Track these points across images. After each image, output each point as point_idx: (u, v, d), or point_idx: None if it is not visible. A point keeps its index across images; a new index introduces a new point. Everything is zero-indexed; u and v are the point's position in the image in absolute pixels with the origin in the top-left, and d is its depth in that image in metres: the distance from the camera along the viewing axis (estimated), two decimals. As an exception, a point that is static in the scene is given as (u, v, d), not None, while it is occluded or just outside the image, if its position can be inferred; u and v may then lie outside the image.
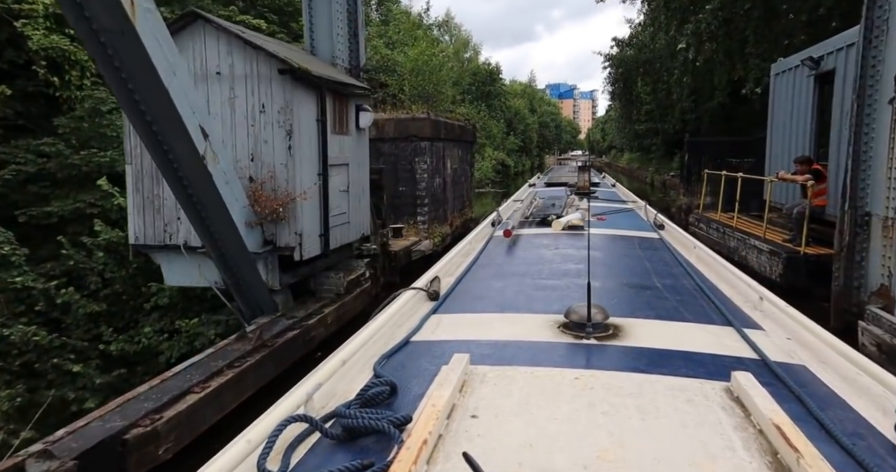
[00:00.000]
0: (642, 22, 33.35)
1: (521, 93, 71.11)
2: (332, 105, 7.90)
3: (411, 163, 13.47)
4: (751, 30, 14.55)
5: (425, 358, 2.53)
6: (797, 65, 10.85)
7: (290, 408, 1.96)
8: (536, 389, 2.10)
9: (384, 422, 1.76)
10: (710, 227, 14.11)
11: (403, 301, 3.42)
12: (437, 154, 14.50)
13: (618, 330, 2.77)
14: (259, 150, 6.84)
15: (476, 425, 1.83)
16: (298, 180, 6.99)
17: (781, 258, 9.54)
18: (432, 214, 14.15)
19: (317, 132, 7.45)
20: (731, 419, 1.86)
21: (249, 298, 6.99)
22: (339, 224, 8.30)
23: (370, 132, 13.48)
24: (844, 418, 2.01)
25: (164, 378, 5.00)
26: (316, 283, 8.23)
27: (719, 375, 2.22)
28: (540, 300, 3.50)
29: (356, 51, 9.64)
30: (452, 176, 16.23)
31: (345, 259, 9.17)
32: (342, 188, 8.36)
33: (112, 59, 4.87)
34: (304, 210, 7.16)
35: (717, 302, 3.39)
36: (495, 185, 40.00)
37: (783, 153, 11.89)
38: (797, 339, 2.88)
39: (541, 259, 4.78)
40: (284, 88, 6.72)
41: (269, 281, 7.07)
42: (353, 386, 2.22)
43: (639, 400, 2.00)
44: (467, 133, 18.20)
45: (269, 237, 6.99)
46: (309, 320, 7.20)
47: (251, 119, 6.79)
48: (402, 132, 13.35)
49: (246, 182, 6.84)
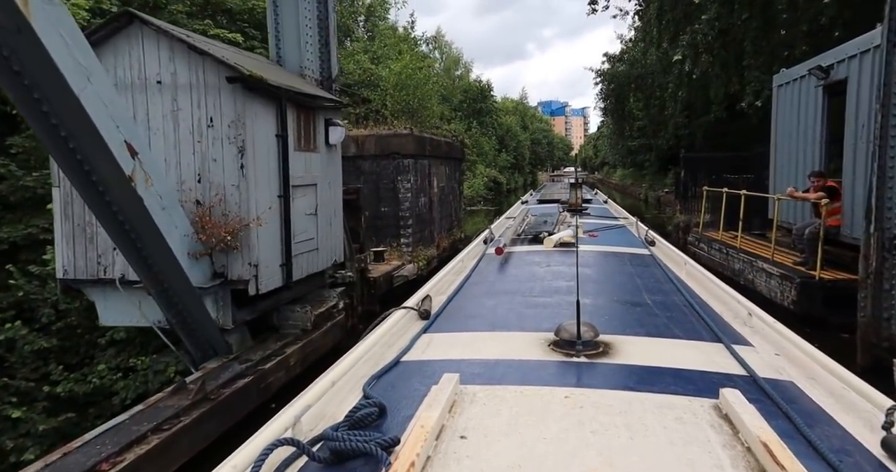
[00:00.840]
0: (633, 37, 33.12)
1: (513, 110, 70.97)
2: (296, 119, 7.07)
3: (394, 181, 12.65)
4: (749, 41, 13.92)
5: (415, 378, 2.51)
6: (803, 75, 10.15)
7: (278, 431, 1.93)
8: (526, 408, 2.09)
9: (372, 444, 1.73)
10: (712, 247, 13.30)
11: (394, 321, 3.41)
12: (422, 172, 13.70)
13: (608, 348, 2.75)
14: (207, 169, 5.98)
15: (465, 446, 1.82)
16: (253, 204, 6.13)
17: (795, 283, 8.71)
18: (417, 235, 13.29)
19: (276, 149, 6.61)
20: (720, 437, 1.86)
21: (198, 338, 6.07)
22: (306, 251, 7.42)
23: (349, 149, 12.68)
24: (832, 434, 2.01)
25: (67, 451, 4.05)
26: (279, 318, 7.32)
27: (708, 392, 2.21)
28: (531, 318, 3.49)
29: (327, 61, 8.85)
30: (439, 195, 15.42)
31: (315, 289, 8.28)
32: (309, 211, 7.50)
33: (9, 61, 4.02)
34: (261, 237, 6.28)
35: (707, 318, 3.38)
36: (487, 202, 39.42)
37: (788, 169, 11.14)
38: (785, 355, 2.89)
39: (532, 277, 4.74)
40: (235, 98, 5.88)
41: (221, 319, 6.16)
42: (343, 408, 2.19)
43: (628, 418, 1.99)
44: (455, 150, 17.44)
45: (219, 269, 6.10)
46: (267, 363, 6.28)
47: (198, 134, 5.93)
48: (384, 149, 12.55)
49: (193, 206, 5.97)
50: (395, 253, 12.51)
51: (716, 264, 12.51)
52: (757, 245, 11.72)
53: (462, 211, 18.96)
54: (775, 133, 11.84)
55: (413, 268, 12.19)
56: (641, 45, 31.49)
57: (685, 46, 14.77)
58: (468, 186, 38.26)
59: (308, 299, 8.03)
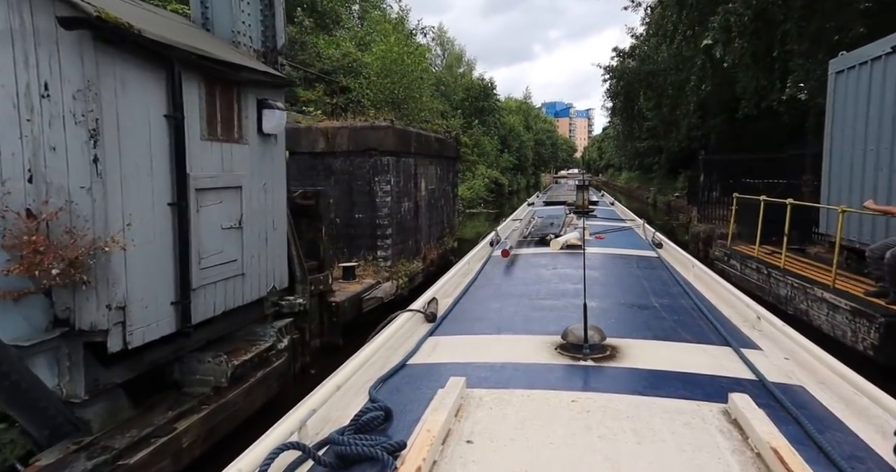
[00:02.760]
0: (645, 32, 31.07)
1: (517, 109, 69.17)
2: (205, 95, 5.03)
3: (370, 183, 10.60)
4: (792, 23, 11.81)
5: (421, 382, 2.48)
6: (878, 56, 8.08)
7: (283, 435, 1.89)
8: (532, 412, 2.08)
9: (378, 449, 1.72)
10: (747, 265, 11.22)
11: (400, 323, 3.37)
12: (406, 172, 11.66)
13: (615, 351, 2.72)
14: (41, 163, 3.93)
15: (471, 450, 1.81)
16: (114, 214, 4.08)
17: (877, 323, 6.64)
18: (398, 246, 11.25)
19: (166, 136, 4.56)
20: (729, 443, 1.84)
21: (35, 416, 4.04)
22: (222, 279, 5.39)
23: (317, 144, 10.66)
24: (843, 440, 1.97)
25: None
26: (181, 372, 5.28)
27: (717, 396, 2.19)
28: (537, 321, 3.46)
29: (271, 27, 6.81)
30: (428, 199, 13.37)
31: (247, 325, 6.25)
32: (228, 223, 5.46)
33: None
34: (133, 265, 4.24)
35: (715, 322, 3.34)
36: (488, 205, 37.39)
37: (851, 172, 9.06)
38: (795, 359, 2.85)
39: (539, 279, 4.73)
40: (83, 55, 3.83)
41: (66, 388, 4.12)
42: (348, 411, 2.17)
43: (635, 423, 1.97)
44: (449, 147, 15.37)
45: (62, 314, 4.06)
46: (138, 452, 4.24)
47: (25, 109, 3.89)
48: (359, 144, 10.51)
49: (19, 218, 3.93)
50: (370, 268, 10.47)
51: (753, 287, 10.44)
52: (806, 266, 9.65)
53: (457, 216, 16.89)
54: (831, 130, 9.75)
55: (391, 287, 10.15)
56: (654, 41, 29.52)
57: (716, 29, 12.65)
58: (468, 187, 36.28)
59: (234, 339, 6.01)
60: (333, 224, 10.65)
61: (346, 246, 10.68)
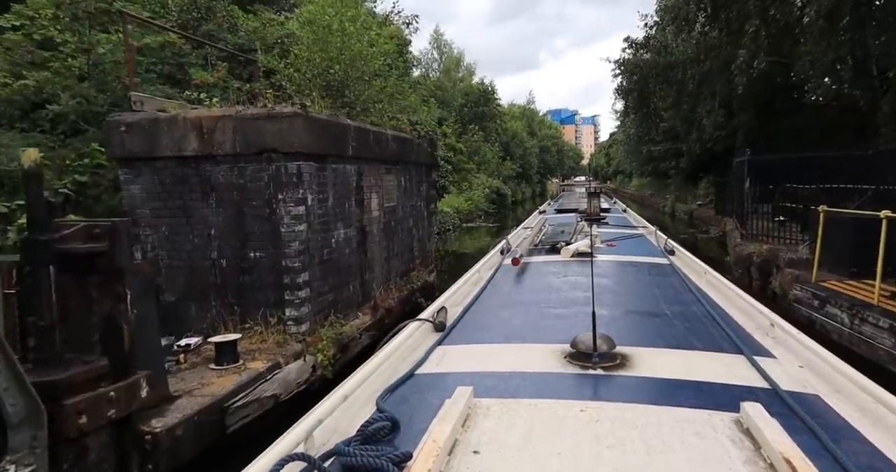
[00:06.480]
0: (661, 18, 27.27)
1: (520, 115, 65.58)
2: None
3: (270, 203, 6.75)
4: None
5: (429, 391, 2.46)
6: None
7: (290, 446, 1.86)
8: (540, 422, 2.05)
9: (383, 460, 1.71)
10: (857, 316, 7.25)
11: (409, 333, 3.33)
12: (342, 185, 7.82)
13: (625, 360, 2.69)
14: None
15: (477, 461, 1.79)
16: None
17: None
18: (325, 298, 7.37)
19: None
20: (741, 453, 1.80)
21: None
22: None
23: (185, 144, 6.83)
24: (859, 451, 1.92)
25: None
26: None
27: (729, 405, 2.14)
28: (547, 330, 3.42)
29: None
30: (384, 221, 9.50)
31: None
32: None
33: None
34: None
35: (728, 329, 3.29)
36: (489, 217, 33.35)
37: None
38: (810, 367, 2.75)
39: (549, 287, 4.69)
40: None
41: None
42: (356, 422, 2.14)
43: (645, 433, 1.94)
44: (419, 151, 11.50)
45: None
46: None
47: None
48: (251, 144, 6.68)
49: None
50: (271, 339, 6.58)
51: (882, 359, 6.51)
52: None
53: (433, 240, 12.98)
54: None
55: (300, 369, 6.26)
56: (671, 28, 25.65)
57: None
58: (465, 199, 32.36)
59: None
60: (216, 267, 6.80)
61: (236, 303, 6.82)
